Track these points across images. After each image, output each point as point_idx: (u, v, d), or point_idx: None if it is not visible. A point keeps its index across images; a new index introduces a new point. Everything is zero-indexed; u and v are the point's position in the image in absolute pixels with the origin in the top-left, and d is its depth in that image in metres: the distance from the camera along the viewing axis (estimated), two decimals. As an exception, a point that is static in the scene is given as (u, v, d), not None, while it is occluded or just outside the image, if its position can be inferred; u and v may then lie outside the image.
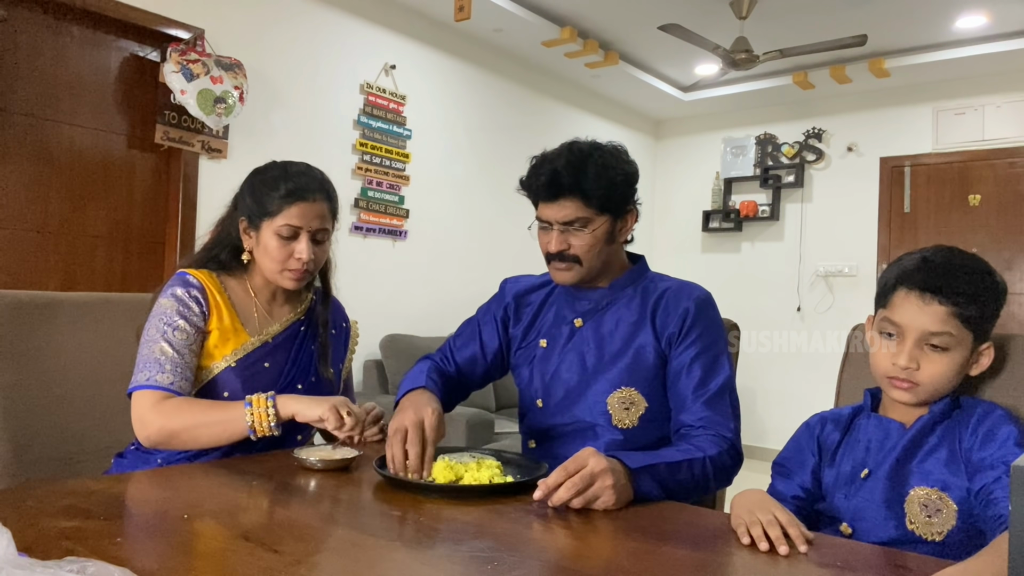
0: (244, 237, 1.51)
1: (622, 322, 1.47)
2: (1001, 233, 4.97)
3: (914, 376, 1.14)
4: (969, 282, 1.12)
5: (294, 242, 1.46)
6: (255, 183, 1.50)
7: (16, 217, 2.87)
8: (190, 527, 0.97)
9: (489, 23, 4.33)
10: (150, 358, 1.39)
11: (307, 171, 1.51)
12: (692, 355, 1.40)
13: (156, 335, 1.40)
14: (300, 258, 1.45)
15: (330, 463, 1.28)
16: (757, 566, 0.93)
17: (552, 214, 1.41)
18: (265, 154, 3.63)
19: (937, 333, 1.12)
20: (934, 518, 1.08)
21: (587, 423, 1.45)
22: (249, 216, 1.49)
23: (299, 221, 1.45)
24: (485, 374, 1.62)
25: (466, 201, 4.65)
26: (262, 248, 1.48)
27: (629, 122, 6.08)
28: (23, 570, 0.63)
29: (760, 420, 5.65)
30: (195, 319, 1.43)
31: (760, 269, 5.81)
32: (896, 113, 5.32)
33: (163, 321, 1.41)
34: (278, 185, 1.46)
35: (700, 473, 1.25)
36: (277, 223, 1.45)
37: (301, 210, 1.45)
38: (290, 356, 1.52)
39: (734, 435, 1.35)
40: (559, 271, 1.45)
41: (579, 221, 1.40)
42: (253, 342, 1.48)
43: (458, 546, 0.96)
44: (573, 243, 1.41)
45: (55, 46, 2.95)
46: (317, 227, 1.48)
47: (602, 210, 1.41)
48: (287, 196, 1.45)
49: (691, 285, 1.50)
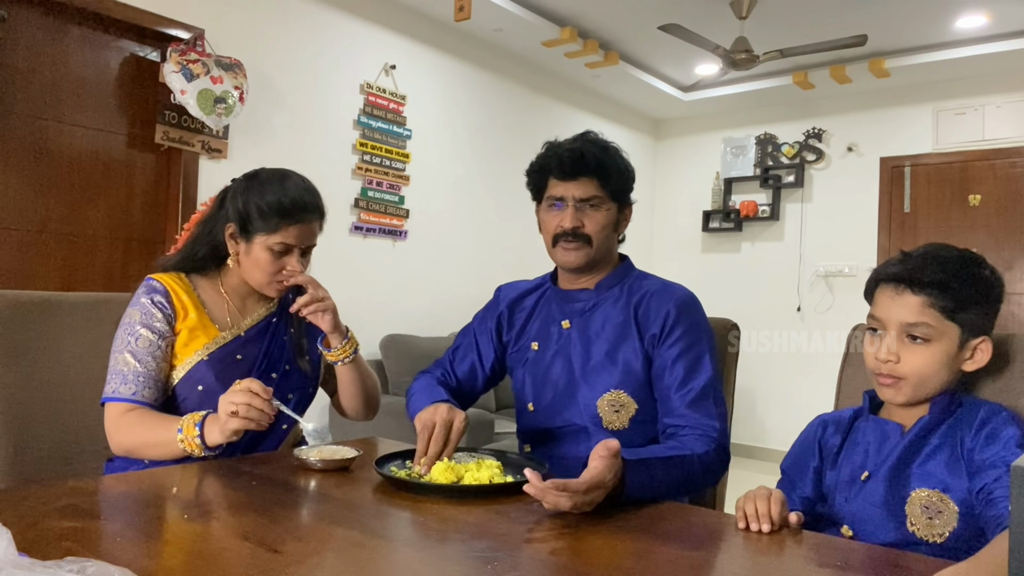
0: (229, 242, 1.51)
1: (608, 323, 1.47)
2: (1001, 233, 4.97)
3: (896, 370, 1.14)
4: (943, 272, 1.12)
5: (285, 257, 1.48)
6: (251, 194, 1.49)
7: (16, 217, 2.87)
8: (190, 527, 0.97)
9: (489, 23, 4.33)
10: (115, 369, 1.41)
11: (304, 191, 1.51)
12: (674, 355, 1.40)
13: (121, 346, 1.42)
14: (292, 270, 1.48)
15: (330, 463, 1.28)
16: (756, 566, 0.93)
17: (571, 191, 1.45)
18: (265, 154, 3.63)
19: (914, 324, 1.13)
20: (935, 520, 1.08)
21: (578, 426, 1.45)
22: (241, 225, 1.49)
23: (294, 240, 1.48)
24: (486, 384, 1.64)
25: (466, 201, 4.65)
26: (252, 260, 1.48)
27: (629, 122, 6.08)
28: (23, 570, 0.63)
29: (760, 420, 5.65)
30: (159, 325, 1.44)
31: (760, 269, 5.81)
32: (896, 113, 5.32)
33: (127, 332, 1.43)
34: (277, 204, 1.46)
35: (688, 471, 1.25)
36: (272, 240, 1.46)
37: (299, 231, 1.48)
38: (262, 348, 1.53)
39: (720, 435, 1.35)
40: (568, 251, 1.46)
41: (596, 199, 1.45)
42: (225, 336, 1.49)
43: (458, 546, 0.96)
44: (586, 222, 1.45)
45: (55, 46, 2.95)
46: (309, 244, 1.51)
47: (613, 196, 1.47)
48: (285, 217, 1.46)
49: (674, 286, 1.50)
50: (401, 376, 3.82)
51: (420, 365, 3.83)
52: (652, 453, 1.21)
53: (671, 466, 1.22)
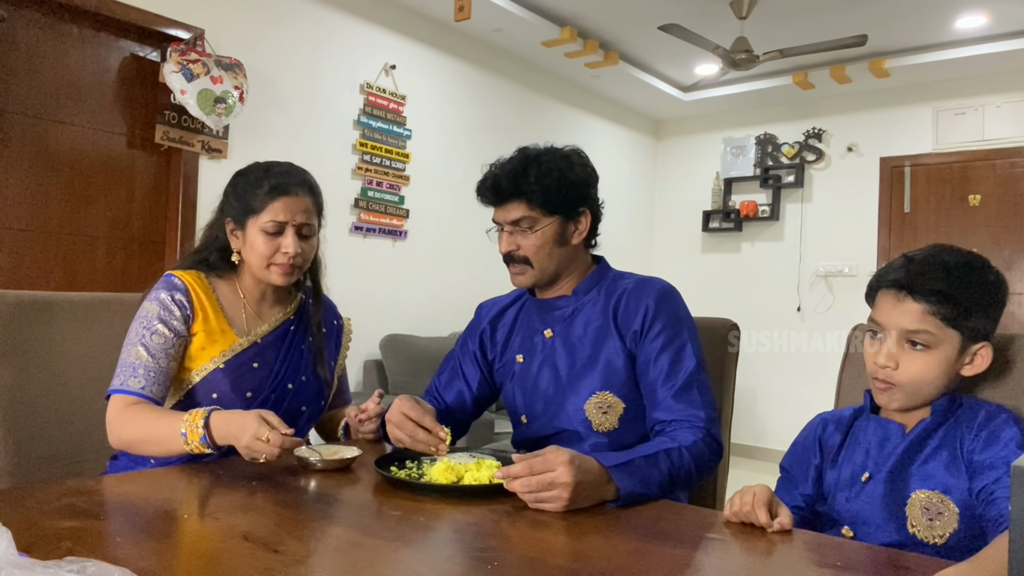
0: (232, 239, 1.52)
1: (589, 327, 1.47)
2: (1001, 233, 4.97)
3: (892, 376, 1.13)
4: (945, 279, 1.11)
5: (280, 237, 1.47)
6: (238, 184, 1.52)
7: (16, 217, 2.87)
8: (190, 527, 0.97)
9: (489, 23, 4.33)
10: (126, 362, 1.39)
11: (289, 168, 1.53)
12: (656, 349, 1.40)
13: (135, 339, 1.41)
14: (287, 252, 1.46)
15: (330, 463, 1.28)
16: (755, 566, 0.93)
17: (499, 216, 1.47)
18: (265, 154, 3.63)
19: (914, 331, 1.12)
20: (935, 521, 1.08)
21: (570, 431, 1.45)
22: (235, 216, 1.50)
23: (284, 216, 1.46)
24: (476, 404, 1.63)
25: (466, 201, 4.64)
26: (249, 246, 1.49)
27: (629, 122, 6.08)
28: (23, 570, 0.63)
29: (760, 420, 5.65)
30: (176, 323, 1.43)
31: (760, 269, 5.80)
32: (896, 113, 5.32)
33: (143, 325, 1.42)
34: (261, 183, 1.48)
35: (679, 463, 1.24)
36: (262, 219, 1.46)
37: (285, 204, 1.46)
38: (279, 356, 1.52)
39: (707, 423, 1.34)
40: (514, 274, 1.49)
41: (525, 221, 1.44)
42: (242, 343, 1.48)
43: (458, 546, 0.96)
44: (521, 244, 1.45)
45: (55, 46, 2.95)
46: (302, 221, 1.49)
47: (549, 211, 1.44)
48: (270, 192, 1.46)
49: (651, 280, 1.49)
50: (401, 376, 3.82)
51: (420, 365, 3.86)
52: (635, 453, 1.20)
53: (657, 461, 1.21)
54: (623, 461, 1.16)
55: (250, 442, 1.21)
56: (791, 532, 1.02)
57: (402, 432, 1.35)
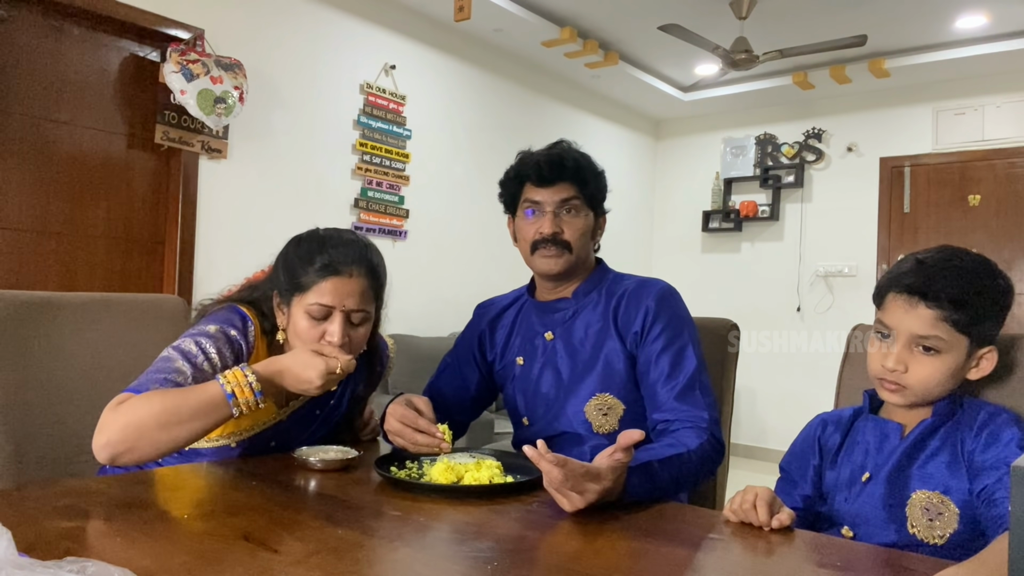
0: (277, 313, 1.35)
1: (590, 329, 1.46)
2: (1001, 233, 4.97)
3: (901, 379, 1.13)
4: (959, 286, 1.10)
5: (325, 323, 1.29)
6: (289, 253, 1.35)
7: (16, 217, 2.87)
8: (190, 527, 0.97)
9: (489, 23, 4.33)
10: (157, 367, 1.23)
11: (348, 242, 1.33)
12: (658, 350, 1.39)
13: (177, 354, 1.25)
14: (331, 340, 1.27)
15: (330, 463, 1.28)
16: (756, 566, 0.93)
17: (545, 196, 1.45)
18: (265, 154, 3.62)
19: (925, 336, 1.11)
20: (936, 521, 1.08)
21: (571, 434, 1.45)
22: (281, 291, 1.34)
23: (331, 299, 1.27)
24: (474, 406, 1.63)
25: (466, 201, 4.64)
26: (292, 328, 1.31)
27: (629, 122, 6.08)
28: (23, 570, 0.63)
29: (760, 420, 5.65)
30: (227, 363, 1.28)
31: (760, 269, 5.81)
32: (896, 113, 5.32)
33: (194, 342, 1.26)
34: (312, 258, 1.30)
35: (686, 467, 1.24)
36: (307, 301, 1.28)
37: (335, 286, 1.28)
38: (302, 435, 1.41)
39: (710, 424, 1.33)
40: (548, 258, 1.45)
41: (574, 204, 1.45)
42: (265, 422, 1.36)
43: (458, 546, 0.95)
44: (565, 228, 1.44)
45: (55, 46, 2.95)
46: (352, 307, 1.29)
47: (590, 203, 1.48)
48: (321, 270, 1.28)
49: (651, 281, 1.48)
50: (401, 376, 3.82)
51: (420, 365, 3.85)
52: (651, 455, 1.20)
53: (670, 465, 1.21)
54: (641, 463, 1.15)
55: (322, 372, 1.18)
56: (792, 532, 1.02)
57: (403, 439, 1.35)
